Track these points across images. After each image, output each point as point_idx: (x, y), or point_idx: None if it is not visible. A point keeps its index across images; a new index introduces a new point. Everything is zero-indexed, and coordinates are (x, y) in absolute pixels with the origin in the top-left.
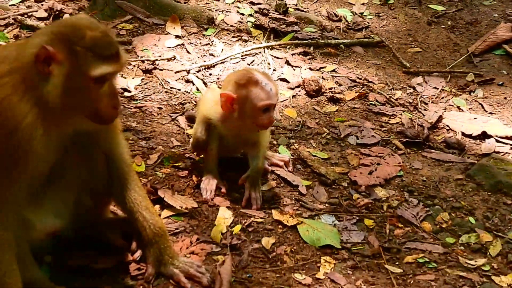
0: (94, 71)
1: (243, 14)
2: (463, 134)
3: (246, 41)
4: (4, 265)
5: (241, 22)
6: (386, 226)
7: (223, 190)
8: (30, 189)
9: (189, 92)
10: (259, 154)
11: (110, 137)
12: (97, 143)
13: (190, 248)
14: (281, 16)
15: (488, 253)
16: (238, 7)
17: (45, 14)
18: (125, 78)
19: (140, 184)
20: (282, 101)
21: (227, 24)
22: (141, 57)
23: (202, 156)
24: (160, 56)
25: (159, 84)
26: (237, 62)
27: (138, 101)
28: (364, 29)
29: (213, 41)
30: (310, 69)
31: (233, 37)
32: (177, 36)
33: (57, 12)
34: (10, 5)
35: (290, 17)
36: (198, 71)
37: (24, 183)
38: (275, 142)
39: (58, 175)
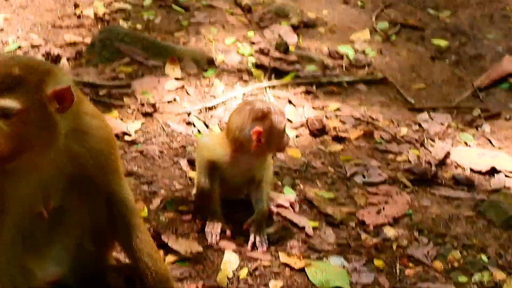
0: None
1: (243, 55)
2: (471, 170)
3: (247, 81)
4: None
5: (242, 63)
6: (396, 266)
7: (228, 233)
8: (25, 235)
9: (190, 135)
10: (263, 197)
11: (111, 180)
12: (98, 186)
13: None
14: (282, 55)
15: None
16: (238, 47)
17: (42, 59)
18: (125, 122)
19: (145, 228)
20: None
21: (227, 65)
22: (141, 100)
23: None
24: (160, 98)
25: (160, 127)
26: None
27: (139, 145)
28: (366, 66)
29: (213, 82)
30: (313, 108)
31: (233, 77)
32: (176, 78)
33: (54, 57)
34: (6, 52)
35: (291, 56)
36: (199, 113)
37: (10, 231)
38: (279, 183)
39: (59, 220)
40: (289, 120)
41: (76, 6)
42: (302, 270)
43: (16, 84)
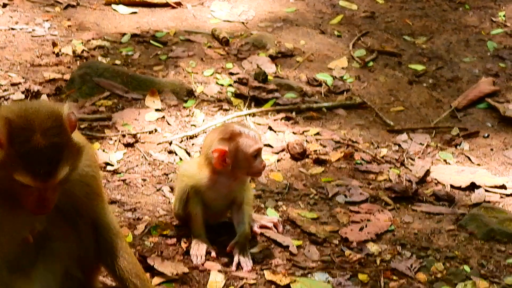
0: (16, 175)
1: (222, 85)
2: (451, 186)
3: (227, 110)
4: None
5: (221, 93)
6: (380, 280)
7: (213, 254)
8: (12, 260)
9: (172, 163)
10: (245, 220)
11: (96, 205)
12: (82, 213)
13: None
14: (261, 84)
15: None
16: (217, 78)
17: (22, 96)
18: (106, 152)
19: (130, 250)
20: (268, 165)
21: (207, 95)
22: (122, 131)
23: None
24: (141, 129)
25: (142, 157)
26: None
27: (122, 174)
28: (345, 92)
29: (193, 112)
30: (294, 133)
31: (213, 107)
32: (157, 110)
33: (34, 94)
34: None
35: (270, 84)
36: (180, 142)
37: None
38: (262, 206)
39: (45, 246)
40: (269, 145)
41: (54, 44)
42: (287, 287)
43: (59, 152)
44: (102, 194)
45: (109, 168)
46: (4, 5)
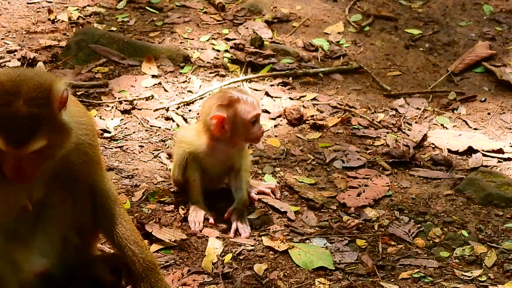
0: None
1: (218, 51)
2: (449, 151)
3: (223, 76)
4: None
5: (217, 58)
6: (378, 245)
7: (211, 220)
8: (10, 227)
9: (169, 129)
10: (243, 186)
11: (93, 173)
12: (80, 180)
13: (182, 280)
14: (257, 50)
15: (483, 264)
16: (213, 44)
17: (18, 63)
18: (103, 119)
19: (128, 217)
20: (265, 131)
21: (203, 61)
22: (119, 98)
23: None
24: (137, 96)
25: (139, 123)
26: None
27: (119, 141)
28: (341, 57)
29: (190, 78)
30: (290, 98)
31: (210, 73)
32: (153, 76)
33: (30, 61)
34: None
35: (266, 50)
36: (177, 108)
37: None
38: (260, 172)
39: (43, 213)
40: (266, 111)
41: (50, 11)
42: (285, 253)
43: (38, 123)
44: (100, 161)
45: (106, 135)
46: None
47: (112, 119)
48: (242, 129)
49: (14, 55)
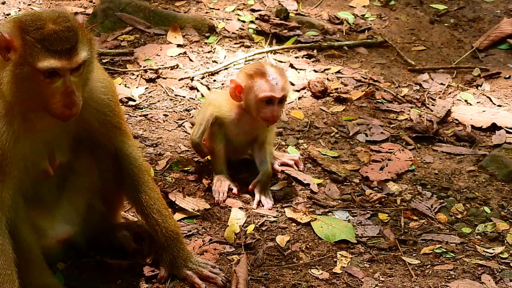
0: (39, 63)
1: (244, 22)
2: (472, 127)
3: (248, 47)
4: None
5: (243, 29)
6: (400, 220)
7: (235, 191)
8: (32, 193)
9: (194, 99)
10: (267, 159)
11: (119, 140)
12: (103, 142)
13: (203, 247)
14: (282, 22)
15: (505, 241)
16: (238, 14)
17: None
18: (128, 87)
19: (154, 185)
20: (289, 103)
21: (229, 32)
22: (144, 67)
23: (209, 158)
24: (163, 65)
25: (164, 92)
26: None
27: (143, 109)
28: (366, 31)
29: (215, 48)
30: (315, 71)
31: (235, 43)
32: (178, 45)
33: None
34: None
35: (291, 22)
36: (202, 78)
37: (11, 189)
38: (283, 143)
39: (68, 180)
40: (291, 83)
41: None
42: (308, 225)
43: (75, 33)
44: (121, 125)
45: (131, 103)
46: None
47: (137, 87)
48: (253, 104)
49: None
